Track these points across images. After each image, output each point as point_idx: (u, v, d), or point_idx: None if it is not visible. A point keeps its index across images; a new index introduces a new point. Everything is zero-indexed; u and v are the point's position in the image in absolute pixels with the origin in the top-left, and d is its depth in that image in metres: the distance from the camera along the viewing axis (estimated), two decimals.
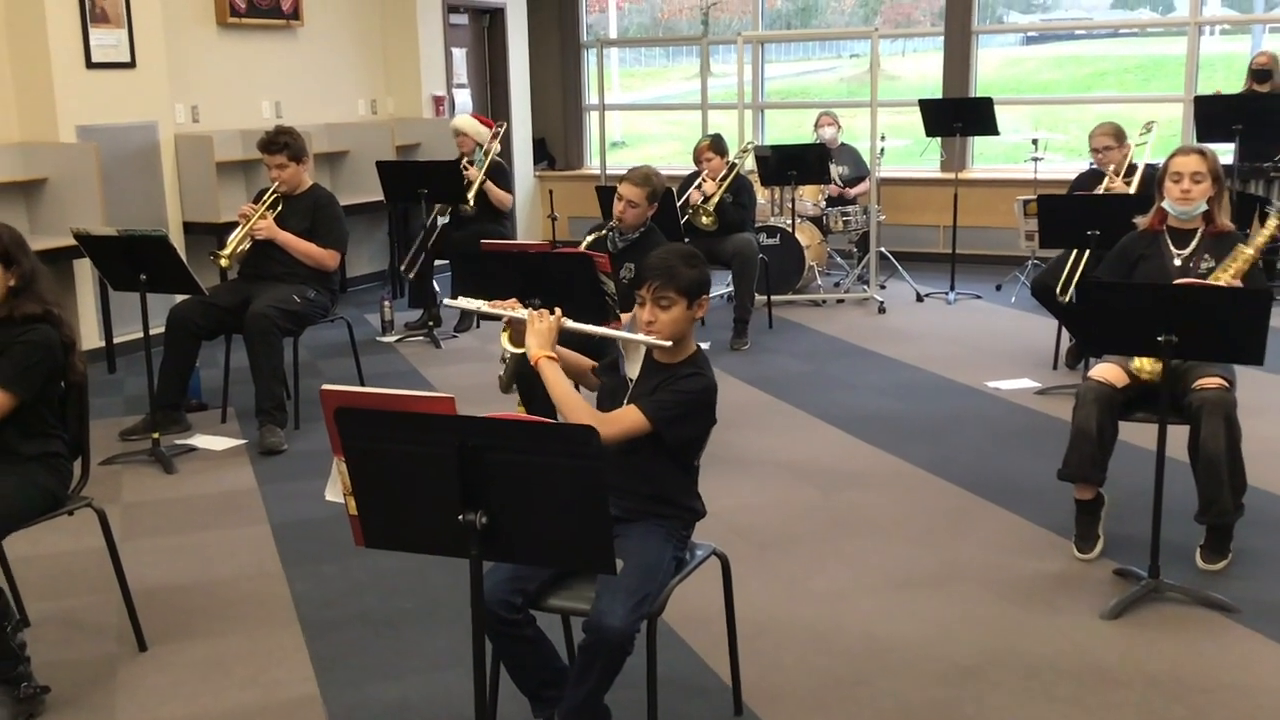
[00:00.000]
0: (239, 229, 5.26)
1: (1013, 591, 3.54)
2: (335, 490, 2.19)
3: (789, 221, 7.61)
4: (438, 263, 7.10)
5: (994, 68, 11.38)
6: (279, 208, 5.34)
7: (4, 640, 2.91)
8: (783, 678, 3.08)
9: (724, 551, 2.83)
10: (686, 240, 5.79)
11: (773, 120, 10.73)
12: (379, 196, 7.22)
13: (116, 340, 6.36)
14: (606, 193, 5.85)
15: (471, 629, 2.10)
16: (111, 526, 3.23)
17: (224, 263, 5.33)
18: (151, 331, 4.90)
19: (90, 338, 6.34)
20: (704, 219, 6.64)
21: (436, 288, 7.07)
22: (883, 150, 7.85)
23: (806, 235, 7.82)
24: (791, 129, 10.43)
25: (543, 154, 10.65)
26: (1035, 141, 7.92)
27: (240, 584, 3.74)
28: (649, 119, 13.78)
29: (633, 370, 2.74)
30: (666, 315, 2.65)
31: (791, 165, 7.35)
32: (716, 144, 6.89)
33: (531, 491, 2.01)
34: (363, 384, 5.39)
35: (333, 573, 3.77)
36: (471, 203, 6.84)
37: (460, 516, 2.02)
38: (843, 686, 3.02)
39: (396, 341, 6.91)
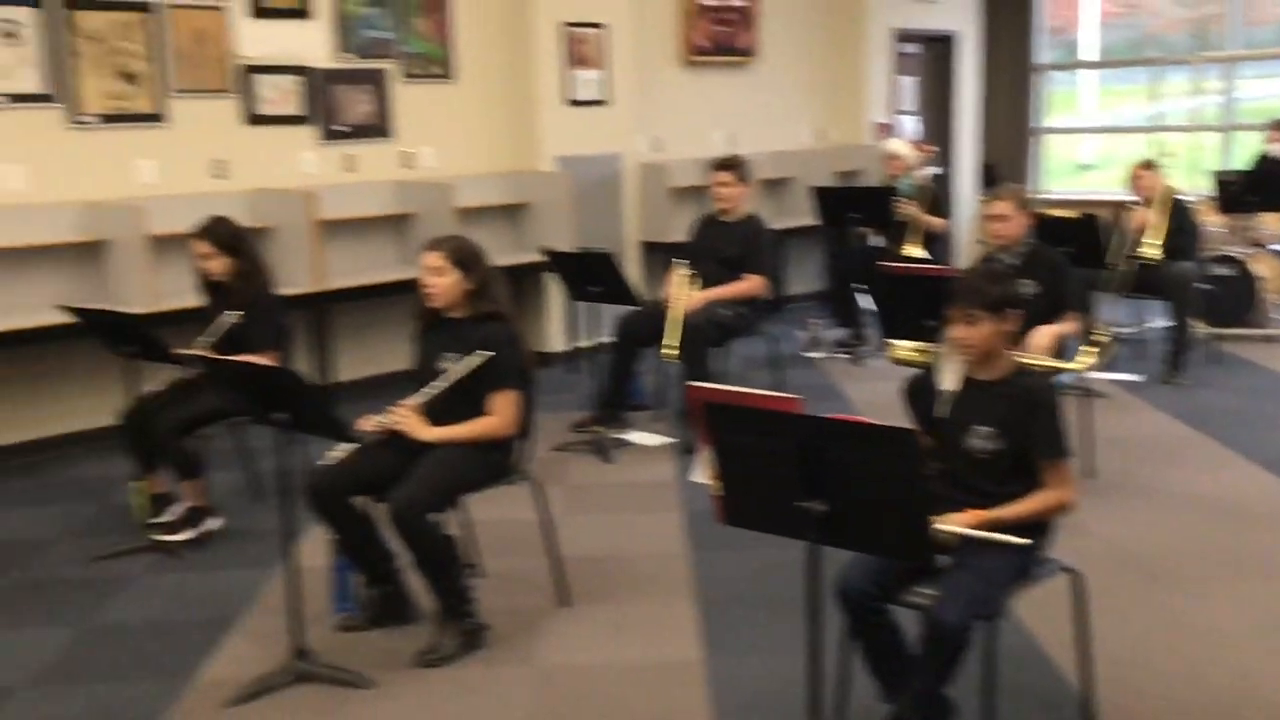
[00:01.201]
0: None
1: None
2: (702, 474, 2.58)
3: (1247, 251, 7.15)
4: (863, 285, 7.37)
5: None
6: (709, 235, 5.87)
7: (459, 582, 3.58)
8: (1143, 706, 3.09)
9: (1083, 571, 2.91)
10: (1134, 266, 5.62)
11: (1242, 141, 9.99)
12: (815, 221, 7.61)
13: (577, 346, 7.21)
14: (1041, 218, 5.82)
15: (807, 613, 2.40)
16: (555, 503, 3.86)
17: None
18: (604, 339, 5.59)
19: (556, 342, 7.25)
20: (1148, 250, 6.42)
21: (862, 308, 7.35)
22: None
23: (1266, 266, 7.30)
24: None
25: (992, 179, 10.60)
26: None
27: (651, 560, 4.26)
28: (1132, 140, 13.20)
29: (947, 382, 2.91)
30: (976, 331, 2.82)
31: (1255, 190, 6.90)
32: (1149, 165, 6.66)
33: (860, 484, 2.28)
34: None
35: (733, 559, 4.19)
36: (913, 239, 6.96)
37: (800, 504, 2.33)
38: None
39: (821, 358, 7.28)
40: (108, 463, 5.26)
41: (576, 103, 7.40)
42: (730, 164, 5.94)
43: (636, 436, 5.73)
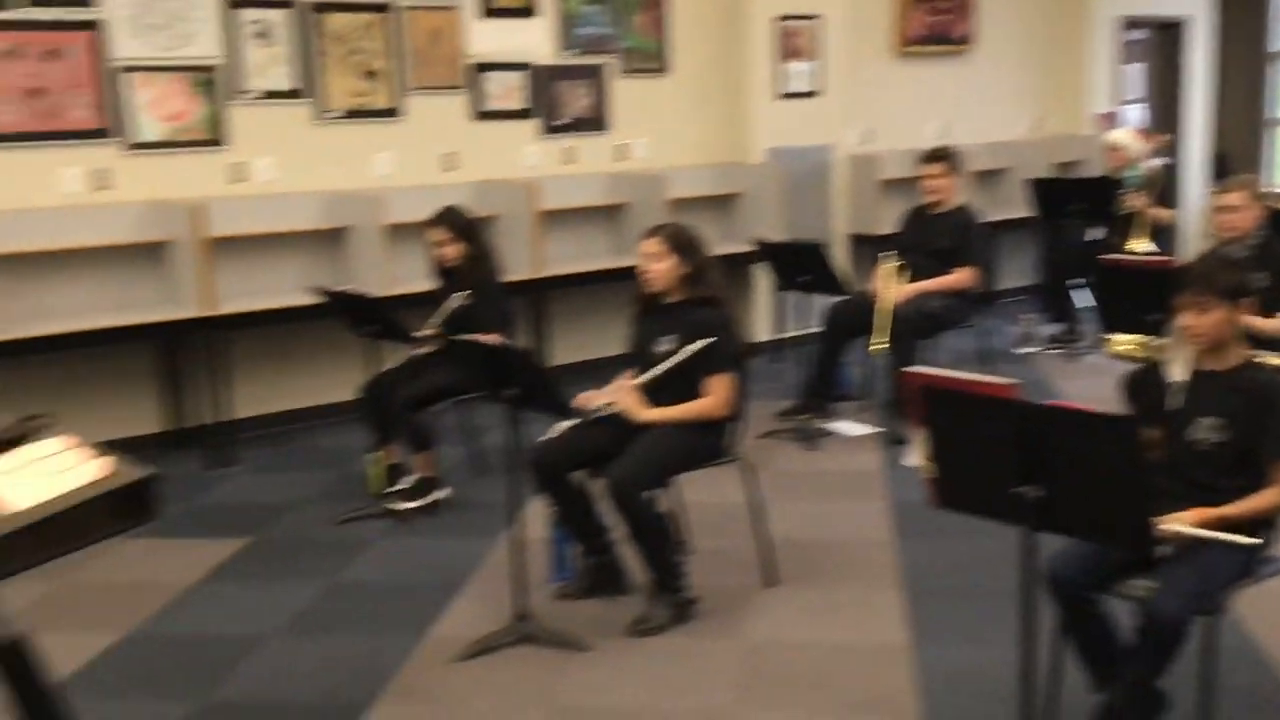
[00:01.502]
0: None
1: None
2: (916, 457, 2.63)
3: None
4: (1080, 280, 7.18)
5: None
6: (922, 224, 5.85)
7: (670, 557, 3.74)
8: None
9: None
10: None
11: None
12: (1030, 213, 7.45)
13: (784, 336, 7.29)
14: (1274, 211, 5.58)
15: (1021, 600, 2.43)
16: (761, 487, 3.96)
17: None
18: (811, 329, 5.66)
19: (762, 332, 7.34)
20: None
21: (1076, 303, 7.16)
22: None
23: None
24: None
25: (1223, 171, 10.11)
26: None
27: (857, 546, 4.32)
28: None
29: (1175, 373, 2.86)
30: (1206, 319, 2.76)
31: None
32: None
33: (1078, 471, 2.30)
34: None
35: (941, 548, 4.20)
36: (1139, 232, 6.74)
37: (1017, 489, 2.36)
38: None
39: (1033, 354, 7.13)
40: (347, 434, 5.66)
41: (788, 95, 7.46)
42: (940, 155, 5.91)
43: (842, 426, 5.77)
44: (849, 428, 5.76)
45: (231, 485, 5.26)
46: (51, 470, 1.76)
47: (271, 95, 5.92)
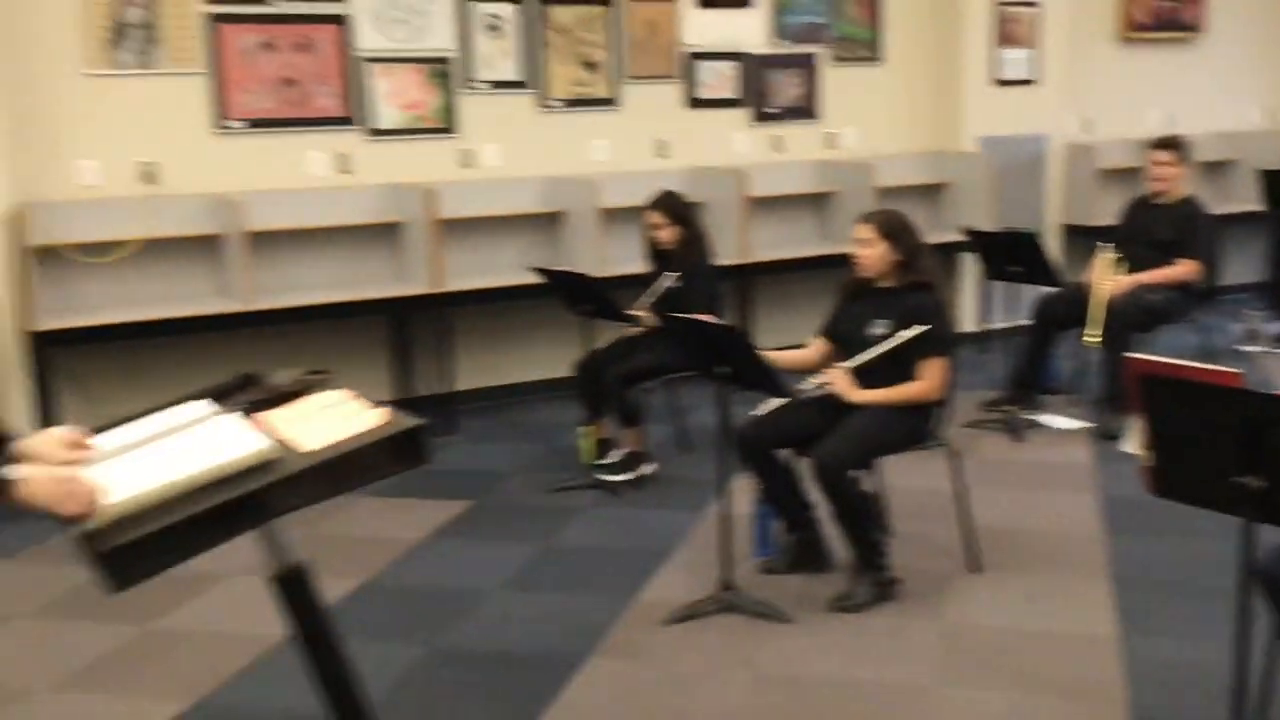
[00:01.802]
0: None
1: None
2: (1133, 444, 2.64)
3: None
4: None
5: None
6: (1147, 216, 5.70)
7: (874, 536, 3.82)
8: None
9: None
10: None
11: None
12: (1260, 207, 7.14)
13: (992, 326, 7.20)
14: None
15: (1239, 596, 2.42)
16: (965, 473, 4.00)
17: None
18: (1020, 320, 5.60)
19: (969, 322, 7.27)
20: None
21: None
22: None
23: None
24: None
25: None
26: None
27: (1064, 538, 4.29)
28: None
29: None
30: None
31: None
32: None
33: None
34: None
35: (1153, 544, 4.14)
36: None
37: (1238, 479, 2.35)
38: None
39: (1257, 353, 6.83)
40: (560, 409, 5.93)
41: (1003, 82, 7.35)
42: (1171, 143, 5.74)
43: (1050, 419, 5.69)
44: (1057, 421, 5.67)
45: (453, 452, 5.59)
46: (338, 417, 2.01)
47: (499, 85, 6.23)
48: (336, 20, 5.80)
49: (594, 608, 3.84)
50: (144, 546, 1.73)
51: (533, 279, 5.34)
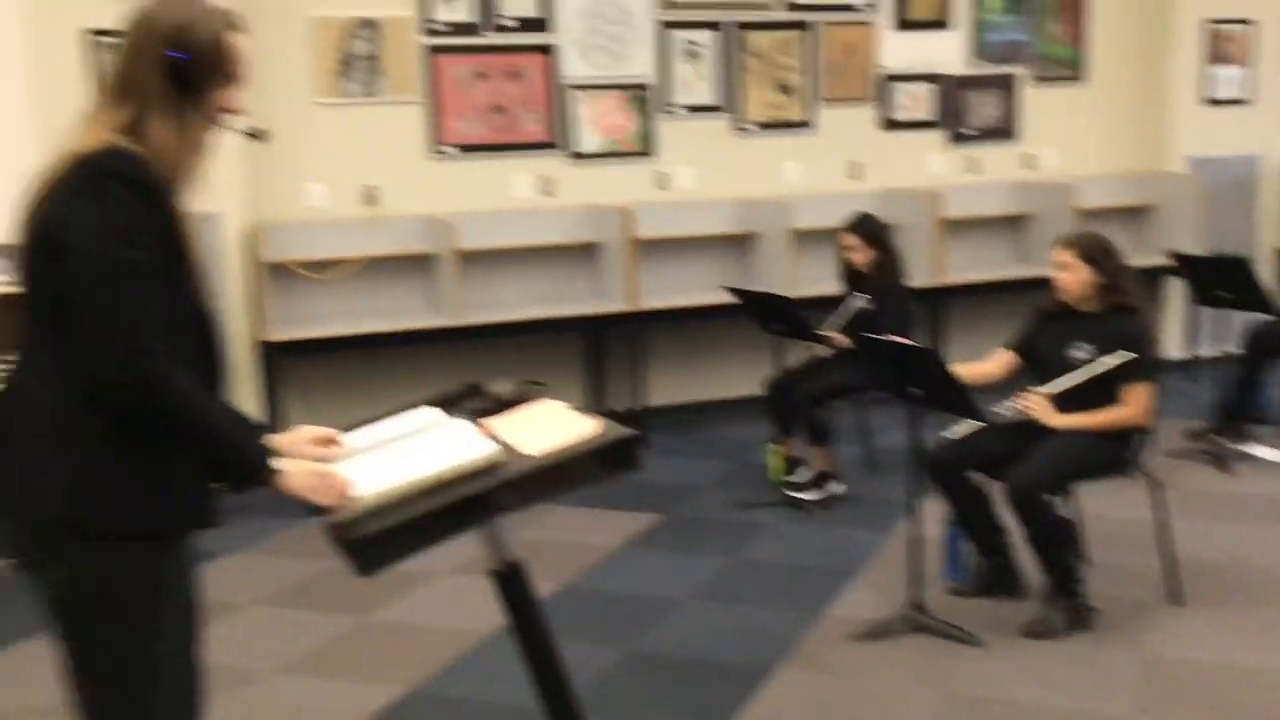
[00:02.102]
0: None
1: None
2: None
3: None
4: None
5: None
6: None
7: (1069, 562, 3.78)
8: None
9: None
10: None
11: None
12: None
13: (1198, 354, 6.94)
14: None
15: None
16: (1167, 503, 3.91)
17: None
18: (1229, 348, 5.40)
19: (1174, 349, 7.03)
20: None
21: None
22: None
23: None
24: None
25: None
26: None
27: (1273, 572, 4.15)
28: None
29: None
30: None
31: None
32: None
33: None
34: None
35: None
36: None
37: None
38: None
39: None
40: (748, 426, 6.03)
41: (1214, 102, 7.10)
42: None
43: (1261, 450, 5.47)
44: (1268, 452, 5.45)
45: (645, 466, 5.73)
46: (555, 425, 2.17)
47: (695, 109, 6.40)
48: (544, 50, 6.08)
49: (783, 621, 3.92)
50: (387, 537, 1.92)
51: (725, 298, 5.45)
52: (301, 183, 5.79)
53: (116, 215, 1.84)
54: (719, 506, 5.12)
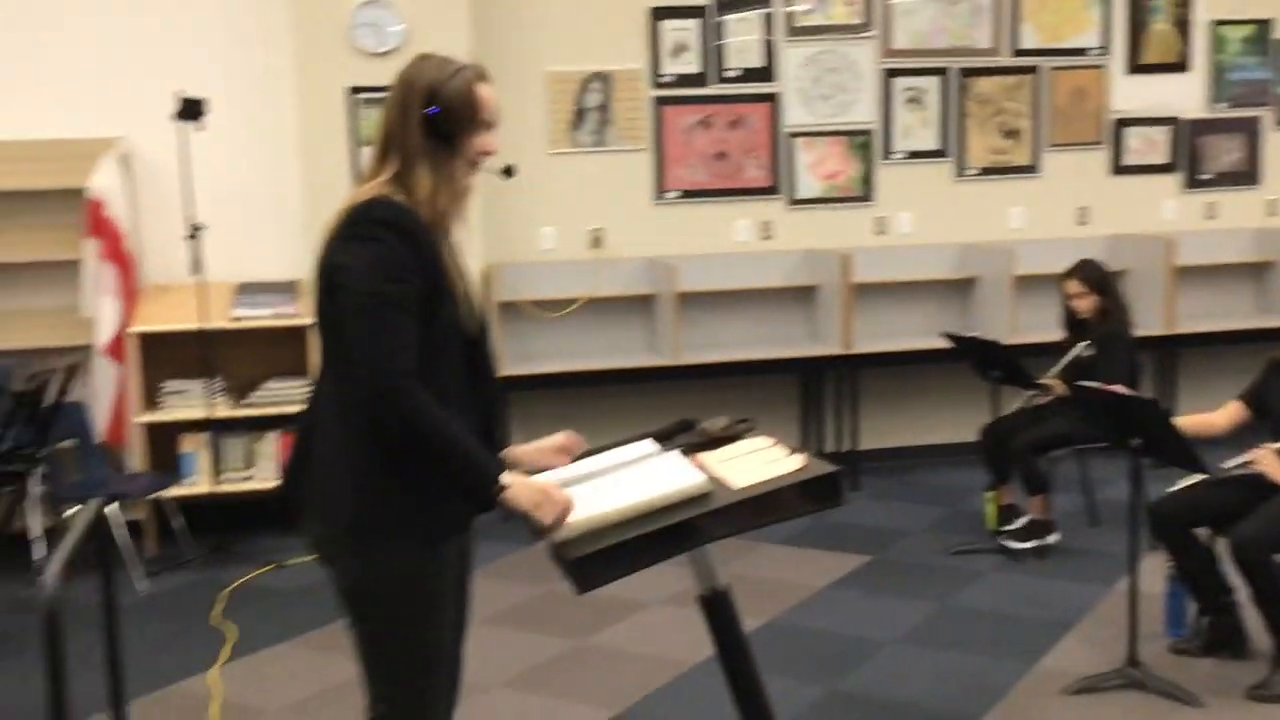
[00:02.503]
0: None
1: None
2: None
3: None
4: None
5: None
6: None
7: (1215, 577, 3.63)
8: None
9: None
10: None
11: None
12: None
13: None
14: None
15: None
16: None
17: None
18: None
19: None
20: None
21: None
22: None
23: None
24: None
25: None
26: None
27: None
28: None
29: None
30: None
31: None
32: None
33: None
34: None
35: None
36: None
37: None
38: None
39: None
40: (962, 473, 5.98)
41: None
42: None
43: None
44: None
45: (855, 508, 5.78)
46: (763, 460, 2.30)
47: (916, 155, 6.43)
48: (769, 99, 6.25)
49: (993, 670, 3.90)
50: (605, 557, 2.09)
51: (940, 343, 5.46)
52: (535, 227, 6.13)
53: (380, 255, 2.11)
54: (930, 551, 5.10)
